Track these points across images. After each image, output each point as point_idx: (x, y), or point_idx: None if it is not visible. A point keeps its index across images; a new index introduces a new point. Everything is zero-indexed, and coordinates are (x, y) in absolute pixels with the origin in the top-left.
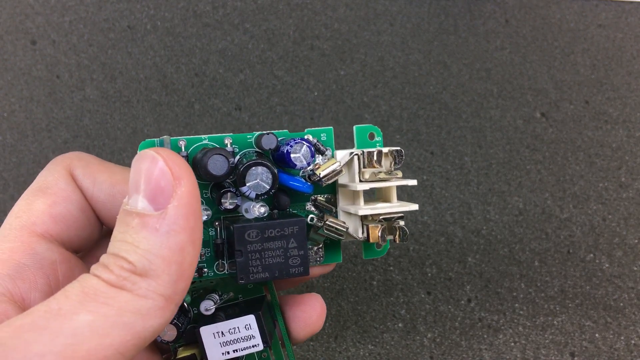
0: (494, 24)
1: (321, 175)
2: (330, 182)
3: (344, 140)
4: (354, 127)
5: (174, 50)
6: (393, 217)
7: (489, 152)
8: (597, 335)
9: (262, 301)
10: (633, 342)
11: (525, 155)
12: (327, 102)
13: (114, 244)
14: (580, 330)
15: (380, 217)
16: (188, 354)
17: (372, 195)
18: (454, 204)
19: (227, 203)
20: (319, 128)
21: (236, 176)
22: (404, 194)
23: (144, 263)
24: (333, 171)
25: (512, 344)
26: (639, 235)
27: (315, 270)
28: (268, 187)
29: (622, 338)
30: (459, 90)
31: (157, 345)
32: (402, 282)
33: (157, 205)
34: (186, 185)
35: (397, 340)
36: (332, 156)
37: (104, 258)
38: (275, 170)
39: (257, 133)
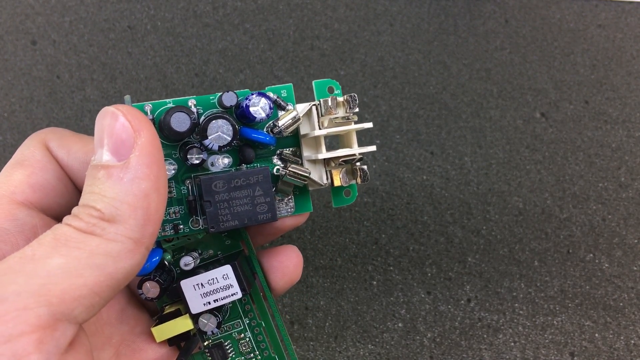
0: (494, 24)
1: (280, 124)
2: (290, 130)
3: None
4: (313, 82)
5: (174, 50)
6: (353, 159)
7: (489, 152)
8: (596, 335)
9: (240, 255)
10: (633, 342)
11: (525, 155)
12: None
13: (84, 197)
14: (580, 330)
15: (340, 160)
16: (173, 309)
17: (336, 146)
18: (454, 204)
19: (194, 158)
20: (279, 85)
21: (199, 131)
22: (404, 193)
23: (111, 210)
24: (292, 119)
25: (512, 343)
26: (639, 235)
27: (288, 221)
28: (229, 138)
29: (622, 338)
30: (459, 90)
31: (144, 304)
32: (402, 282)
33: (120, 157)
34: (146, 136)
35: (397, 340)
36: (293, 109)
37: (74, 209)
38: (235, 123)
39: (219, 93)
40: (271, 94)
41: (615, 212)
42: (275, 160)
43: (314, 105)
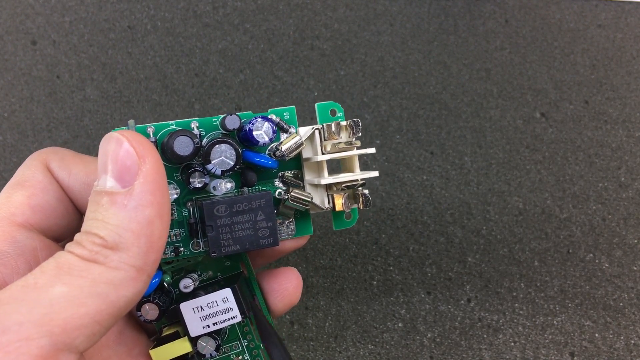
0: (494, 24)
1: (283, 149)
2: (292, 155)
3: None
4: (316, 105)
5: (174, 50)
6: (355, 185)
7: (489, 152)
8: (596, 335)
9: (240, 277)
10: (633, 341)
11: (525, 155)
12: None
13: (86, 223)
14: (580, 330)
15: (343, 185)
16: (172, 331)
17: (338, 169)
18: (454, 204)
19: (196, 182)
20: (282, 107)
21: (202, 155)
22: (404, 193)
23: (114, 237)
24: (295, 144)
25: (512, 343)
26: (639, 235)
27: (288, 244)
28: (232, 163)
29: (622, 338)
30: (459, 90)
31: (142, 326)
32: (402, 282)
33: (124, 183)
34: (150, 163)
35: (397, 340)
36: (296, 133)
37: (77, 236)
38: (238, 147)
39: (222, 116)
40: (274, 117)
41: (615, 212)
42: (277, 183)
43: (317, 129)
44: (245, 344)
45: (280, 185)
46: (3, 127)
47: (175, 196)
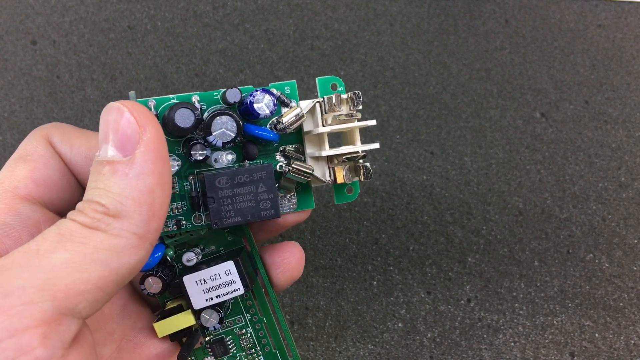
0: (494, 24)
1: (284, 121)
2: (293, 127)
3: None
4: (317, 79)
5: (174, 50)
6: (356, 157)
7: (489, 152)
8: (596, 335)
9: (242, 251)
10: (633, 342)
11: (525, 155)
12: None
13: (88, 192)
14: (580, 330)
15: (344, 157)
16: (175, 305)
17: (340, 144)
18: (454, 204)
19: (197, 154)
20: (283, 82)
21: (203, 128)
22: (404, 193)
23: (116, 205)
24: (295, 116)
25: (512, 343)
26: (639, 235)
27: (290, 218)
28: (233, 135)
29: (622, 338)
30: (459, 90)
31: (146, 300)
32: (402, 282)
33: (125, 152)
34: (151, 132)
35: (397, 340)
36: (297, 106)
37: (79, 205)
38: (239, 119)
39: (223, 90)
40: (275, 91)
41: (615, 212)
42: (278, 157)
43: (318, 102)
44: (249, 318)
45: (282, 159)
46: (3, 127)
47: (177, 167)
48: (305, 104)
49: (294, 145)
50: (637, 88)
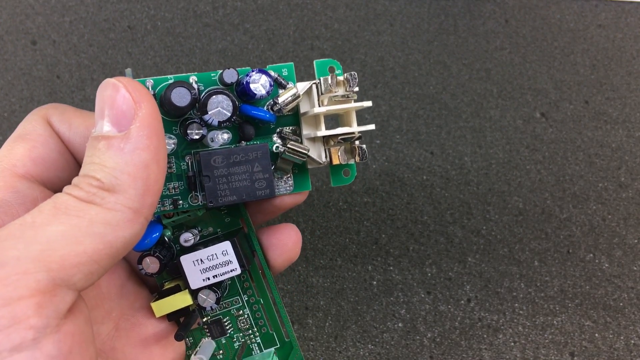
0: (494, 24)
1: (280, 101)
2: (289, 107)
3: None
4: (314, 62)
5: (174, 50)
6: (352, 137)
7: (489, 152)
8: (596, 335)
9: (239, 232)
10: (633, 341)
11: (525, 155)
12: None
13: (84, 167)
14: (580, 330)
15: (339, 138)
16: (173, 285)
17: (336, 126)
18: (454, 204)
19: (194, 133)
20: (281, 64)
21: (199, 107)
22: (404, 193)
23: (111, 179)
24: (292, 96)
25: (512, 343)
26: (639, 235)
27: (287, 200)
28: (229, 114)
29: (622, 338)
30: (459, 90)
31: (144, 281)
32: (402, 282)
33: (121, 128)
34: (146, 108)
35: (397, 340)
36: (294, 87)
37: (74, 179)
38: (235, 99)
39: (221, 70)
40: (272, 72)
41: (615, 212)
42: (275, 138)
43: (314, 83)
44: (246, 299)
45: (279, 140)
46: (3, 127)
47: (173, 146)
48: (302, 86)
49: (291, 127)
50: (637, 88)
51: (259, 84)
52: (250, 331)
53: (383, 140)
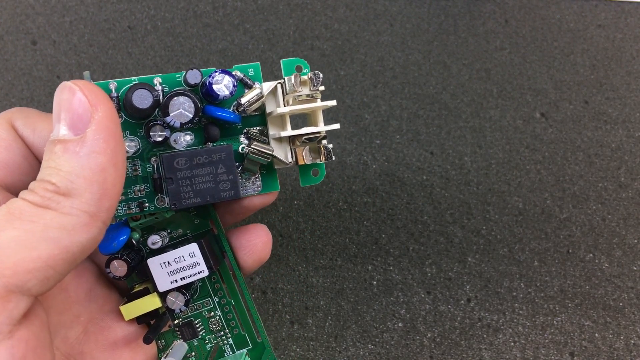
0: (493, 24)
1: (243, 102)
2: (253, 108)
3: (344, 141)
4: (281, 61)
5: (174, 50)
6: (317, 137)
7: (489, 152)
8: (596, 335)
9: (209, 234)
10: (632, 341)
11: (525, 155)
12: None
13: (41, 172)
14: (580, 330)
15: (304, 138)
16: (142, 288)
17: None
18: (454, 204)
19: (156, 135)
20: (247, 64)
21: (161, 108)
22: (404, 193)
23: (66, 183)
24: (255, 96)
25: (512, 343)
26: (639, 235)
27: (256, 200)
28: (191, 116)
29: (622, 338)
30: (458, 90)
31: (114, 284)
32: (402, 282)
33: (77, 131)
34: (103, 111)
35: (397, 340)
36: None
37: (31, 184)
38: (197, 100)
39: (185, 71)
40: (238, 73)
41: (615, 212)
42: (242, 139)
43: (279, 83)
44: (217, 300)
45: (245, 141)
46: None
47: (135, 148)
48: (267, 86)
49: (257, 128)
50: (637, 88)
51: (222, 85)
52: (222, 333)
53: (383, 140)
